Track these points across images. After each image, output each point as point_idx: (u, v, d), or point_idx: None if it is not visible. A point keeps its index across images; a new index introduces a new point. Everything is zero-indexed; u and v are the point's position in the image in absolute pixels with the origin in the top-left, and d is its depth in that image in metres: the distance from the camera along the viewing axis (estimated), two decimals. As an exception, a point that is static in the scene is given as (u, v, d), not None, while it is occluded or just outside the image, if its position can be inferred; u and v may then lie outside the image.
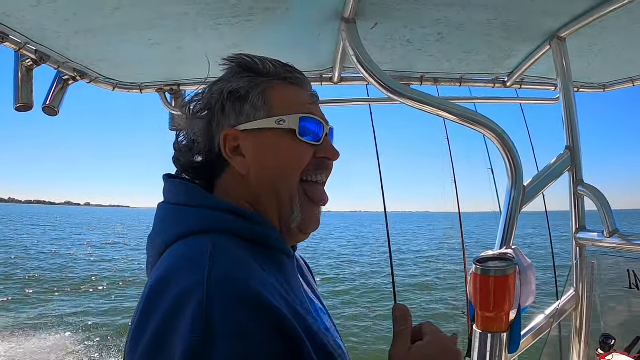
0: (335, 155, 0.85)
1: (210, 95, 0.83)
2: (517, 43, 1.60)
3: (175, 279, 0.61)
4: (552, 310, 1.49)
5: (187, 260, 0.64)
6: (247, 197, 0.80)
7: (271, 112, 0.80)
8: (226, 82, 0.82)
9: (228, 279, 0.60)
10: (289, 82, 0.84)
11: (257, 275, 0.64)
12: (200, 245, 0.66)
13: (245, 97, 0.80)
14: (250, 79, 0.82)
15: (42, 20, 1.27)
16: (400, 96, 1.30)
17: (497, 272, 1.15)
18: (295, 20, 1.37)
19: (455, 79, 1.91)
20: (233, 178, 0.81)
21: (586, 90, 2.05)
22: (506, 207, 1.40)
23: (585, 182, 1.48)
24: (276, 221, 0.80)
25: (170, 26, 1.35)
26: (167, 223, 0.76)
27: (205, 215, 0.73)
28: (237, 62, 0.85)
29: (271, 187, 0.79)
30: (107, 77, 1.74)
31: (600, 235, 1.41)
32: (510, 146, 1.35)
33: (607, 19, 1.38)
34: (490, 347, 1.18)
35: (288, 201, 0.80)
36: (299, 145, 0.80)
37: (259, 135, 0.80)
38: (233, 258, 0.65)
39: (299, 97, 0.85)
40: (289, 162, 0.80)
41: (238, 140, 0.80)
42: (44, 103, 1.64)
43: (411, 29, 1.46)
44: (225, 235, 0.70)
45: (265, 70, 0.83)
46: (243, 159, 0.79)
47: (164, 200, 0.80)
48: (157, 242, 0.74)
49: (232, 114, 0.80)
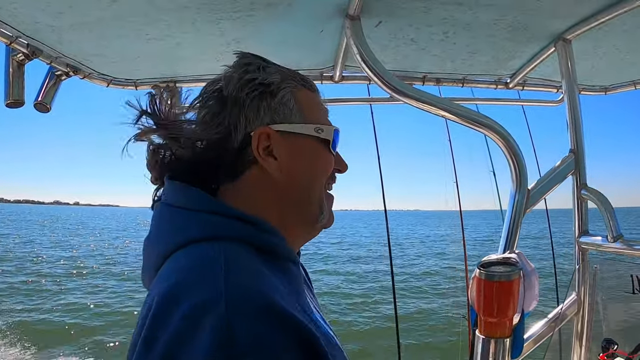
0: (346, 168, 0.86)
1: (238, 84, 0.74)
2: (521, 44, 1.58)
3: (187, 292, 0.56)
4: (554, 314, 1.48)
5: (198, 270, 0.59)
6: (265, 201, 0.75)
7: (306, 117, 0.77)
8: (256, 73, 0.75)
9: (247, 290, 0.56)
10: (307, 89, 0.81)
11: (273, 284, 0.61)
12: (209, 253, 0.61)
13: (276, 93, 0.75)
14: (282, 75, 0.77)
15: (34, 13, 1.22)
16: (404, 96, 1.29)
17: (502, 277, 1.13)
18: (297, 16, 1.34)
19: (457, 80, 1.89)
20: (256, 180, 0.75)
21: (588, 92, 2.04)
22: (510, 211, 1.39)
23: (588, 186, 1.47)
24: (286, 228, 0.76)
25: (168, 20, 1.31)
26: (169, 227, 0.71)
27: (213, 221, 0.68)
28: (253, 57, 0.79)
29: (300, 193, 0.77)
30: (102, 72, 1.70)
31: (604, 239, 1.40)
32: (515, 149, 1.34)
33: (613, 22, 1.38)
34: (493, 353, 1.17)
35: (317, 205, 0.79)
36: (329, 155, 0.80)
37: (296, 139, 0.76)
38: (247, 267, 0.61)
39: (320, 105, 0.83)
40: (321, 171, 0.79)
41: (270, 141, 0.74)
42: (36, 99, 1.59)
43: (417, 27, 1.43)
44: (235, 242, 0.65)
45: (285, 71, 0.80)
46: (275, 161, 0.74)
47: (164, 202, 0.74)
48: (157, 247, 0.69)
49: (267, 111, 0.74)
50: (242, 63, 0.77)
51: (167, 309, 0.55)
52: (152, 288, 0.64)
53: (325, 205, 0.80)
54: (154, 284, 0.64)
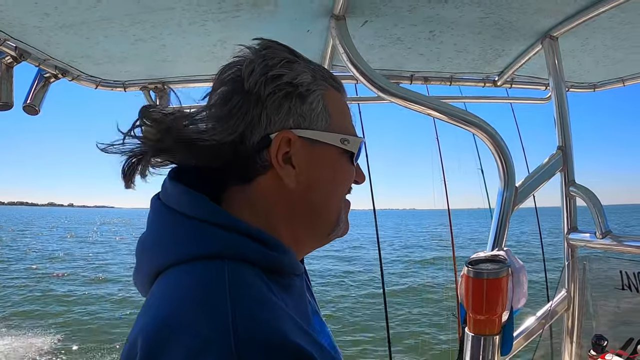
0: (363, 180, 0.79)
1: (262, 79, 0.65)
2: (508, 42, 1.59)
3: (188, 324, 0.49)
4: (544, 311, 1.48)
5: (199, 297, 0.53)
6: (277, 214, 0.69)
7: (332, 124, 0.70)
8: (283, 69, 0.66)
9: (255, 322, 0.50)
10: (335, 89, 0.74)
11: (278, 310, 0.55)
12: (213, 276, 0.55)
13: (306, 97, 0.67)
14: (312, 74, 0.69)
15: (21, 15, 1.22)
16: (391, 95, 1.28)
17: (490, 274, 1.13)
18: (283, 16, 1.34)
19: (445, 78, 1.90)
20: (269, 189, 0.68)
21: (576, 90, 2.05)
22: (498, 209, 1.39)
23: (577, 183, 1.47)
24: (297, 240, 0.71)
25: (154, 21, 1.31)
26: (168, 236, 0.63)
27: (219, 237, 0.60)
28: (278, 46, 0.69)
29: (316, 206, 0.71)
30: (90, 74, 1.70)
31: (593, 236, 1.41)
32: (503, 147, 1.34)
33: (600, 19, 1.38)
34: (483, 350, 1.17)
35: (335, 217, 0.73)
36: (351, 168, 0.74)
37: (317, 148, 0.68)
38: (254, 294, 0.55)
39: (347, 112, 0.76)
40: (340, 184, 0.73)
41: (289, 147, 0.66)
42: (25, 102, 1.59)
43: (402, 27, 1.43)
44: (239, 263, 0.58)
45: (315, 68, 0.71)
46: (293, 169, 0.66)
47: (166, 204, 0.65)
48: (153, 257, 0.62)
49: (292, 113, 0.66)
50: (265, 54, 0.67)
51: (164, 335, 0.49)
52: (138, 316, 0.57)
53: (343, 216, 0.74)
54: (140, 314, 0.57)
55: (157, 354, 0.48)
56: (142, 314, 0.56)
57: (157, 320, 0.51)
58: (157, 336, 0.49)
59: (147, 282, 0.62)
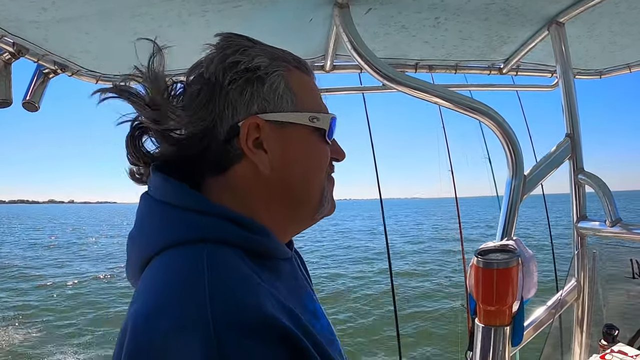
0: (344, 156, 0.79)
1: (220, 68, 0.67)
2: (514, 28, 1.56)
3: (167, 308, 0.50)
4: (553, 301, 1.47)
5: (179, 282, 0.54)
6: (256, 199, 0.69)
7: (298, 104, 0.70)
8: (240, 56, 0.67)
9: (235, 303, 0.50)
10: (300, 70, 0.74)
11: (259, 290, 0.55)
12: (193, 260, 0.56)
13: (264, 79, 0.68)
14: (269, 56, 0.70)
15: (18, 10, 1.20)
16: (396, 84, 1.27)
17: (500, 264, 1.12)
18: (285, 5, 1.31)
19: (450, 66, 1.87)
20: (245, 176, 0.68)
21: (582, 77, 2.03)
22: (507, 198, 1.37)
23: (585, 170, 1.45)
24: (279, 224, 0.71)
25: (154, 14, 1.28)
26: (153, 225, 0.65)
27: (201, 222, 0.62)
28: (235, 37, 0.71)
29: (294, 189, 0.71)
30: (89, 69, 1.67)
31: (602, 224, 1.39)
32: (511, 135, 1.32)
33: (606, 5, 1.36)
34: (494, 341, 1.16)
35: (317, 198, 0.73)
36: (325, 146, 0.73)
37: (287, 129, 0.69)
38: (234, 277, 0.55)
39: (315, 90, 0.75)
40: (316, 164, 0.73)
41: (259, 132, 0.67)
42: (24, 98, 1.56)
43: (406, 14, 1.41)
44: (219, 245, 0.59)
45: (273, 50, 0.72)
46: (265, 155, 0.67)
47: (151, 196, 0.67)
48: (140, 248, 0.64)
49: (255, 98, 0.67)
50: (223, 45, 0.70)
51: (148, 320, 0.51)
52: (135, 297, 0.58)
53: (327, 195, 0.75)
54: (137, 290, 0.59)
55: (140, 341, 0.50)
56: (131, 303, 0.58)
57: (143, 308, 0.53)
58: (140, 323, 0.51)
59: (137, 272, 0.64)
